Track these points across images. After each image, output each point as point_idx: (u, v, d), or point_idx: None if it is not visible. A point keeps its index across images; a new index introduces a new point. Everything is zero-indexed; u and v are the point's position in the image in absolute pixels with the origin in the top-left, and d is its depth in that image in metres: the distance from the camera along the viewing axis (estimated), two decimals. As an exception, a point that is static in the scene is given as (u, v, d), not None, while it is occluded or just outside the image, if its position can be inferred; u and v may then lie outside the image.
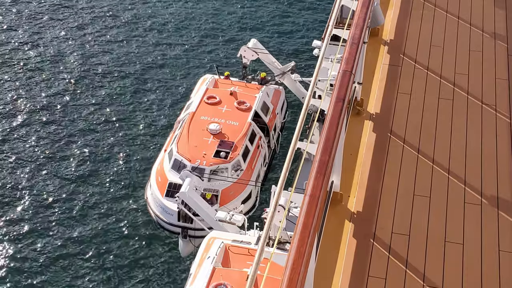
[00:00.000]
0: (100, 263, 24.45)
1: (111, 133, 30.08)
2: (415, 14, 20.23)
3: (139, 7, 39.19)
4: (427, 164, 15.13)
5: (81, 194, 27.01)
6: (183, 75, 33.67)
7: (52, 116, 30.95)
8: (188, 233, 23.80)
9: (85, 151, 29.04)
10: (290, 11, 38.76)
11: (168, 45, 35.91)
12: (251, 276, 9.65)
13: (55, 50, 35.31)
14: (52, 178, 27.74)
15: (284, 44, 35.85)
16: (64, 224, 25.86)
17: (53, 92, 32.46)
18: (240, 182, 24.40)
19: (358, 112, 16.69)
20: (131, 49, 35.57)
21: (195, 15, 38.52)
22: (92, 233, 25.46)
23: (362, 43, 14.50)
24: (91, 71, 33.84)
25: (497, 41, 19.05)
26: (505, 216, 13.94)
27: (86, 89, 32.71)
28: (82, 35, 36.65)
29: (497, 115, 16.56)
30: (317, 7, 39.11)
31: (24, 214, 26.19)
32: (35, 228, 25.63)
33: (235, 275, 16.43)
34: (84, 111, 31.29)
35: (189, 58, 34.88)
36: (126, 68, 34.18)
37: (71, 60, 34.65)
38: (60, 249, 24.91)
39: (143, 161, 28.49)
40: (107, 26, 37.42)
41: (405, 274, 12.73)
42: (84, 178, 27.75)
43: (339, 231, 13.67)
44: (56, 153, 28.94)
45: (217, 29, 37.18)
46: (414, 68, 18.09)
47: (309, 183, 10.73)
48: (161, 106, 31.62)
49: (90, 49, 35.51)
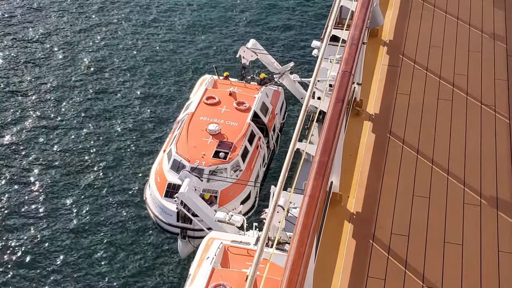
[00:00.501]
0: (97, 263, 24.44)
1: (108, 133, 30.05)
2: (414, 15, 20.23)
3: (139, 10, 39.17)
4: (426, 165, 15.13)
5: (78, 195, 26.98)
6: (182, 75, 33.66)
7: (45, 113, 30.94)
8: (187, 233, 23.79)
9: (82, 151, 29.02)
10: (290, 11, 38.76)
11: (167, 45, 35.89)
12: (250, 277, 9.64)
13: (52, 50, 35.31)
14: (49, 178, 27.73)
15: (283, 45, 35.85)
16: (60, 223, 25.85)
17: (50, 91, 32.47)
18: (239, 182, 24.38)
19: (357, 113, 16.68)
20: (130, 50, 35.55)
21: (193, 15, 38.50)
22: (90, 233, 25.44)
23: (362, 43, 14.50)
24: (89, 71, 33.82)
25: (496, 42, 19.06)
26: (504, 217, 13.94)
27: (83, 88, 32.69)
28: (80, 35, 36.64)
29: (496, 115, 16.57)
30: (317, 8, 39.10)
31: (18, 218, 26.18)
32: (24, 226, 25.64)
33: (234, 275, 16.42)
34: (81, 109, 31.26)
35: (188, 58, 34.87)
36: (125, 68, 34.17)
37: (68, 58, 34.65)
38: (54, 247, 24.91)
39: (141, 161, 28.47)
40: (105, 27, 37.41)
41: (404, 275, 12.73)
42: (81, 177, 27.72)
43: (339, 231, 13.67)
44: (53, 153, 28.93)
45: (216, 29, 37.17)
46: (413, 69, 18.08)
47: (309, 184, 10.73)
48: (160, 106, 31.61)
49: (89, 50, 35.50)
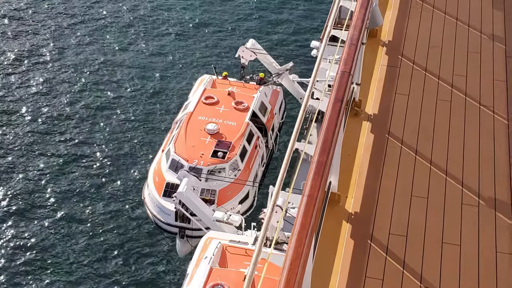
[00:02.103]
0: (95, 262, 24.42)
1: (106, 132, 30.03)
2: (414, 15, 20.22)
3: (139, 10, 39.14)
4: (424, 165, 15.12)
5: (77, 195, 26.97)
6: (181, 75, 33.66)
7: (46, 113, 30.93)
8: (186, 233, 23.78)
9: (80, 151, 29.00)
10: (289, 11, 38.76)
11: (166, 46, 35.89)
12: (248, 277, 9.64)
13: (49, 50, 35.30)
14: (46, 177, 27.72)
15: (282, 45, 35.84)
16: (55, 223, 25.83)
17: (48, 91, 32.45)
18: (237, 182, 24.38)
19: (356, 113, 16.67)
20: (128, 50, 35.52)
21: (193, 15, 38.48)
22: (88, 233, 25.43)
23: (361, 44, 14.48)
24: (88, 72, 33.79)
25: (495, 43, 19.05)
26: (502, 218, 13.94)
27: (82, 88, 32.67)
28: (78, 35, 36.62)
29: (495, 116, 16.56)
30: (316, 8, 39.11)
31: (22, 220, 26.16)
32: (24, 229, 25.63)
33: (232, 275, 16.42)
34: (79, 110, 31.25)
35: (187, 58, 34.86)
36: (123, 68, 34.15)
37: (67, 59, 34.63)
38: (52, 247, 24.89)
39: (140, 161, 28.45)
40: (103, 28, 37.39)
41: (402, 275, 12.73)
42: (79, 177, 27.71)
43: (337, 231, 13.66)
44: (50, 153, 28.92)
45: (215, 29, 37.17)
46: (412, 69, 18.08)
47: (307, 184, 10.71)
48: (159, 106, 31.59)
49: (88, 50, 35.47)
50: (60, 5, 38.84)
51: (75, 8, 38.70)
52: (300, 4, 39.50)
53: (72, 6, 38.78)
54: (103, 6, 39.04)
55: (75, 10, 38.56)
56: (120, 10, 38.74)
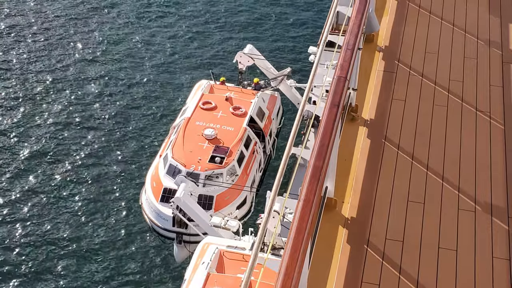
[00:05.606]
0: (91, 268, 24.40)
1: (104, 137, 30.04)
2: (410, 21, 20.27)
3: (136, 14, 39.22)
4: (421, 171, 15.14)
5: (75, 198, 26.97)
6: (178, 80, 33.69)
7: (44, 117, 30.94)
8: (183, 238, 23.77)
9: (77, 156, 29.00)
10: (286, 17, 38.85)
11: (163, 51, 35.93)
12: (244, 282, 9.63)
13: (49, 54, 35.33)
14: (45, 181, 27.72)
15: (280, 50, 35.90)
16: (53, 227, 25.81)
17: (47, 92, 32.48)
18: (235, 187, 24.39)
19: (352, 118, 16.70)
20: (127, 54, 35.56)
21: (190, 21, 38.54)
22: (84, 237, 25.41)
23: (357, 49, 14.51)
24: (88, 74, 33.82)
25: (491, 49, 19.10)
26: (498, 223, 13.96)
27: (80, 93, 32.69)
28: (78, 38, 36.68)
29: (491, 121, 16.59)
30: (313, 13, 39.20)
31: (17, 222, 26.15)
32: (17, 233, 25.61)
33: (229, 280, 16.42)
34: (75, 116, 31.26)
35: (185, 63, 34.90)
36: (122, 73, 34.18)
37: (66, 63, 34.66)
38: (50, 252, 24.88)
39: (137, 166, 28.45)
40: (103, 31, 37.44)
41: (398, 280, 12.74)
42: (74, 182, 27.70)
43: (333, 237, 13.67)
44: (48, 156, 28.91)
45: (213, 35, 37.22)
46: (409, 75, 18.11)
47: (303, 188, 10.72)
48: (156, 111, 31.61)
49: (88, 51, 35.52)
50: (59, 10, 38.96)
51: (67, 16, 38.79)
52: (298, 10, 39.57)
53: (64, 15, 38.87)
54: (98, 16, 39.10)
55: (68, 19, 38.65)
56: (116, 18, 38.80)
